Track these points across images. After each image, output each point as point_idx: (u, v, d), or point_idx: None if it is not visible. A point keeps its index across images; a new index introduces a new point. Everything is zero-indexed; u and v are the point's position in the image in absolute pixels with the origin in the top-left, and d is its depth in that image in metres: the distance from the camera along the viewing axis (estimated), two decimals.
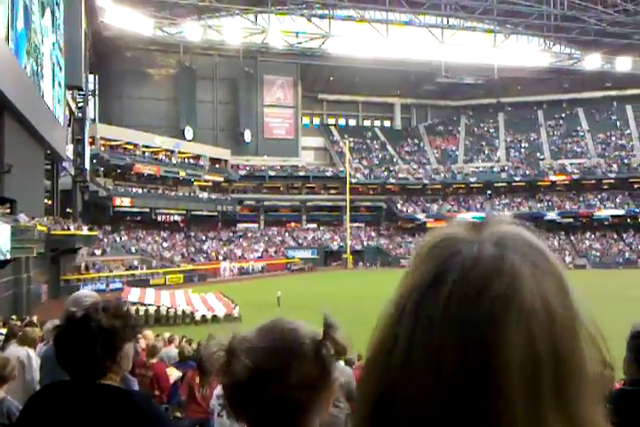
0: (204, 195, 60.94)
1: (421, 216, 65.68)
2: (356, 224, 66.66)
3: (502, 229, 0.64)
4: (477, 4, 67.96)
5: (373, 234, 66.99)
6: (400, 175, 69.10)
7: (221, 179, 63.52)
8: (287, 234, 65.27)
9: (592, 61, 69.01)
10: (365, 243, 64.89)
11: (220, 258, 54.81)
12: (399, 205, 67.40)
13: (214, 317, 25.92)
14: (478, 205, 66.01)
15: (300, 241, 64.12)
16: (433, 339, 0.57)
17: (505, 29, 71.82)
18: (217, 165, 64.02)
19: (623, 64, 68.82)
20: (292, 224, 67.93)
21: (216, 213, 60.44)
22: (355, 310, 19.63)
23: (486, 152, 72.00)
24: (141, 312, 24.54)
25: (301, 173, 68.06)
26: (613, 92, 72.69)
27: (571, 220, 63.64)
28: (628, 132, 69.66)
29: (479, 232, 0.63)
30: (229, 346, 0.95)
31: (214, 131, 67.71)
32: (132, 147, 55.58)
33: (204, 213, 59.08)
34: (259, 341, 0.98)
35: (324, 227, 67.57)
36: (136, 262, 46.21)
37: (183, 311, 26.44)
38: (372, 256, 62.02)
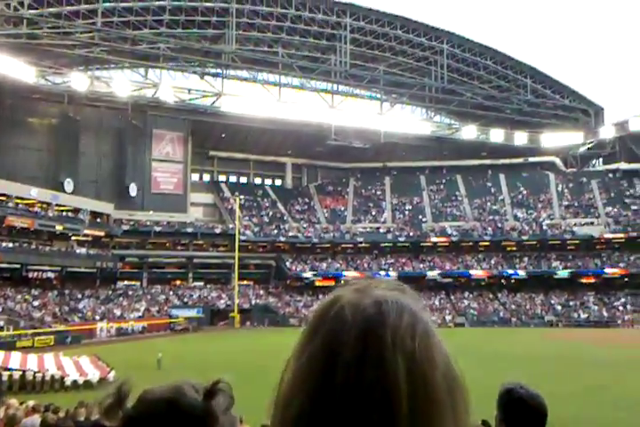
0: (83, 250, 58.36)
1: (310, 275, 66.61)
2: (245, 282, 66.34)
3: (385, 293, 0.76)
4: (365, 73, 72.82)
5: (262, 292, 66.84)
6: (290, 234, 70.24)
7: (102, 234, 61.30)
8: (172, 292, 63.55)
9: (469, 132, 75.35)
10: (254, 301, 64.50)
11: (97, 318, 52.13)
12: (288, 264, 68.09)
13: (87, 382, 24.51)
14: (366, 265, 68.17)
15: (186, 299, 62.61)
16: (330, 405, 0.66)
17: (391, 98, 77.04)
18: (98, 220, 61.87)
19: (497, 135, 75.79)
20: (178, 282, 66.36)
21: (94, 270, 57.91)
22: (243, 373, 19.51)
23: (373, 213, 75.24)
24: (4, 378, 22.76)
25: (189, 230, 67.27)
26: (488, 161, 79.49)
27: (450, 280, 67.16)
28: (502, 198, 75.93)
29: (364, 295, 0.75)
30: (121, 391, 0.92)
31: (97, 184, 65.79)
32: (4, 198, 52.61)
33: (82, 269, 56.45)
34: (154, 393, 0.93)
35: (212, 285, 66.58)
36: (1, 323, 42.88)
37: (52, 376, 24.77)
38: (260, 315, 61.64)
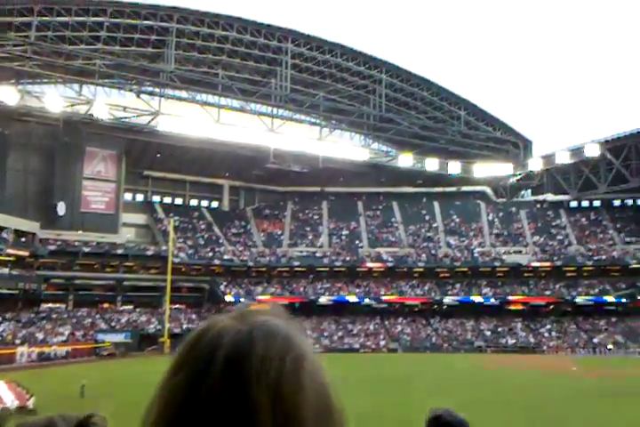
0: (4, 271, 55.88)
1: (245, 299, 65.97)
2: (177, 306, 65.01)
3: (262, 320, 0.76)
4: (305, 98, 74.02)
5: (194, 316, 65.64)
6: (225, 257, 69.67)
7: (27, 253, 58.95)
8: (99, 316, 61.52)
9: (406, 160, 77.49)
10: (185, 326, 63.18)
11: (17, 342, 49.80)
12: (223, 287, 67.36)
13: (4, 409, 23.35)
14: (301, 289, 68.30)
15: (113, 323, 60.71)
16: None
17: (330, 124, 78.41)
18: (23, 239, 59.52)
19: (432, 164, 78.21)
20: (106, 305, 64.34)
21: (16, 292, 55.47)
22: None
23: (310, 238, 75.75)
24: None
25: (120, 251, 65.65)
26: (424, 189, 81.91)
27: (385, 305, 68.12)
28: (436, 225, 78.14)
29: (241, 322, 0.75)
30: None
31: (23, 201, 63.42)
32: None
33: (3, 291, 53.97)
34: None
35: (141, 308, 64.91)
36: None
37: None
38: None
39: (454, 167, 79.46)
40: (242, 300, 65.72)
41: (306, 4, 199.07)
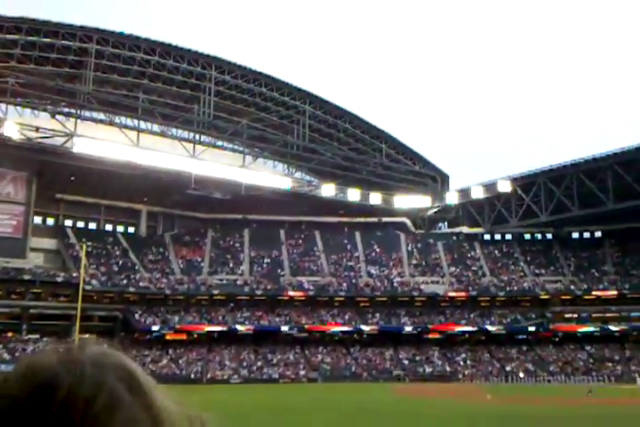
0: None
1: (161, 328, 64.86)
2: (87, 335, 62.65)
3: (95, 352, 0.82)
4: (229, 125, 75.05)
5: (105, 346, 63.42)
6: (141, 284, 68.39)
7: None
8: (1, 346, 58.51)
9: (328, 190, 79.61)
10: None
11: None
12: (137, 316, 65.87)
13: None
14: (220, 318, 67.87)
15: (17, 354, 57.80)
16: None
17: (253, 152, 79.65)
18: None
19: (354, 195, 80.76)
20: (10, 334, 61.27)
21: None
22: None
23: (231, 265, 75.79)
24: None
25: (26, 277, 63.12)
26: (345, 219, 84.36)
27: (306, 334, 68.74)
28: (357, 255, 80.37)
29: (73, 356, 0.78)
30: None
31: None
32: None
33: None
34: None
35: (49, 338, 62.14)
36: None
37: None
38: None
39: (375, 198, 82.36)
40: (156, 328, 64.51)
41: (232, 32, 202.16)
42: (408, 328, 70.08)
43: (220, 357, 65.25)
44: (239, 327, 67.08)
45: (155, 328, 65.06)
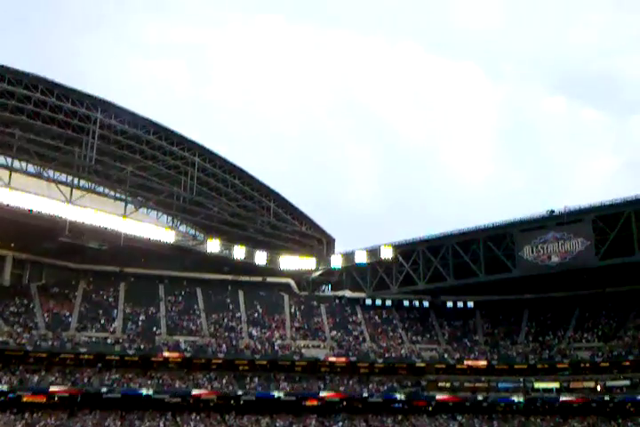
0: None
1: (17, 388, 61.06)
2: None
3: None
4: (112, 171, 74.23)
5: None
6: None
7: None
8: None
9: (213, 246, 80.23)
10: None
11: None
12: None
13: None
14: (86, 379, 65.11)
15: None
16: None
17: (136, 201, 78.90)
18: None
19: (239, 252, 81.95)
20: None
21: None
22: None
23: (102, 322, 73.25)
24: None
25: None
26: (229, 277, 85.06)
27: (178, 399, 67.34)
28: (239, 315, 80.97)
29: None
30: None
31: None
32: None
33: None
34: None
35: None
36: None
37: None
38: None
39: (261, 257, 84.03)
40: (10, 388, 60.58)
41: (122, 77, 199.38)
42: (286, 395, 70.79)
43: (83, 423, 62.05)
44: (106, 390, 64.52)
45: (4, 389, 60.97)
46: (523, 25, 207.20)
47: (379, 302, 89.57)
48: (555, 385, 75.16)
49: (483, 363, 78.81)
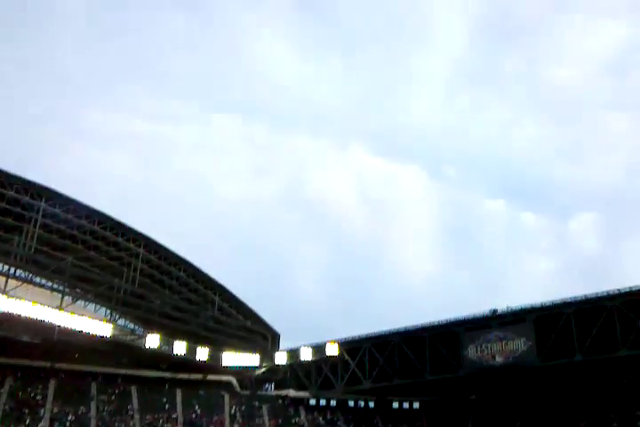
0: None
1: None
2: None
3: None
4: (51, 261, 72.84)
5: None
6: None
7: None
8: None
9: (153, 341, 77.84)
10: None
11: None
12: None
13: None
14: None
15: None
16: None
17: (74, 292, 77.11)
18: None
19: (180, 348, 79.61)
20: None
21: None
22: None
23: (27, 422, 69.07)
24: None
25: None
26: (168, 374, 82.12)
27: None
28: (175, 416, 77.60)
29: None
30: None
31: None
32: None
33: None
34: None
35: None
36: None
37: None
38: None
39: (203, 353, 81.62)
40: None
41: (70, 167, 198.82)
42: None
43: None
44: None
45: None
46: (465, 130, 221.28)
47: (323, 402, 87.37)
48: None
49: None
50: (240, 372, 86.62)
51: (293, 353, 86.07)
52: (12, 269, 71.57)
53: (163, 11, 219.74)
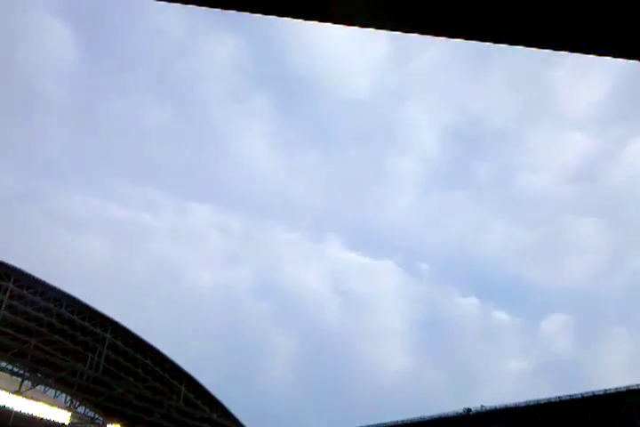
0: None
1: None
2: None
3: None
4: (13, 344, 71.83)
5: None
6: None
7: None
8: None
9: None
10: None
11: None
12: None
13: None
14: None
15: None
16: None
17: (34, 377, 75.63)
18: None
19: None
20: None
21: None
22: None
23: None
24: None
25: None
26: None
27: None
28: None
29: None
30: None
31: None
32: None
33: None
34: None
35: None
36: None
37: None
38: None
39: None
40: None
41: (49, 251, 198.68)
42: None
43: None
44: None
45: None
46: (438, 229, 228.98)
47: None
48: None
49: None
50: None
51: None
52: None
53: (146, 100, 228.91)
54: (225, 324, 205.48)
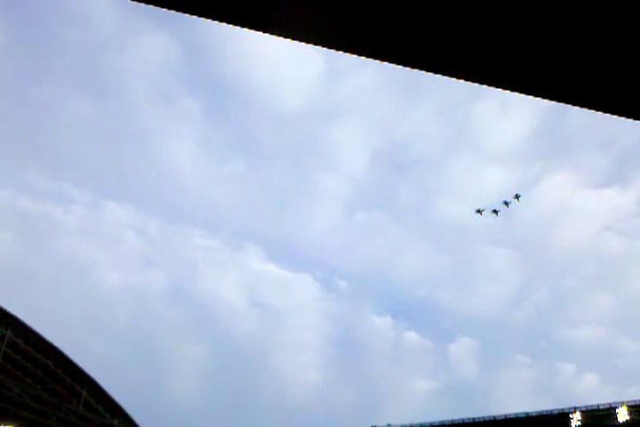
0: None
1: None
2: None
3: None
4: None
5: None
6: None
7: None
8: None
9: None
10: None
11: None
12: None
13: None
14: None
15: None
16: None
17: None
18: None
19: None
20: None
21: None
22: None
23: None
24: None
25: None
26: None
27: None
28: None
29: None
30: None
31: None
32: None
33: None
34: None
35: None
36: None
37: None
38: None
39: None
40: None
41: None
42: None
43: None
44: None
45: None
46: (358, 248, 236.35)
47: None
48: None
49: None
50: None
51: None
52: None
53: (68, 92, 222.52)
54: (134, 329, 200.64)
